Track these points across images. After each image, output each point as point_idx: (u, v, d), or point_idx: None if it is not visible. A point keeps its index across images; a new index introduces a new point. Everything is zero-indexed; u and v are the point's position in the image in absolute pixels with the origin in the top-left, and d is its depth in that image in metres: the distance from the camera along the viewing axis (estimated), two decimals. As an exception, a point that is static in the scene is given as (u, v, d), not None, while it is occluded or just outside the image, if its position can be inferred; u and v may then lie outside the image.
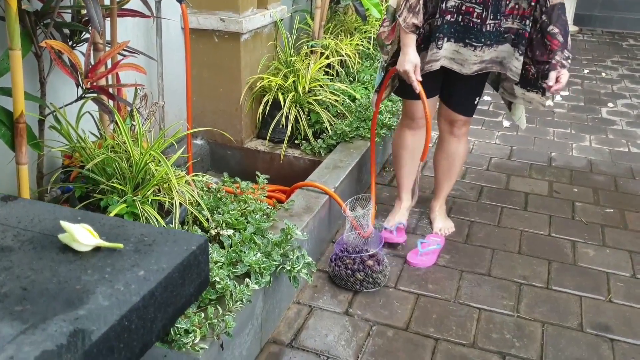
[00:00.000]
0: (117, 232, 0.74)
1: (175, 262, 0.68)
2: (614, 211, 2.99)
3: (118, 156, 1.79)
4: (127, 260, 0.69)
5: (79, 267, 0.68)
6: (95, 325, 0.58)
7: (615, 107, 4.50)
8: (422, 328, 2.13)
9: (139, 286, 0.64)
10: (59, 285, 0.64)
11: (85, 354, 0.55)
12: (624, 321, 2.20)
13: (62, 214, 0.76)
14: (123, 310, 0.60)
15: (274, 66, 3.22)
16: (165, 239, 0.73)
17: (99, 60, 1.78)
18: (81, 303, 0.61)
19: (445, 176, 2.70)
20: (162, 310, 0.66)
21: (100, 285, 0.65)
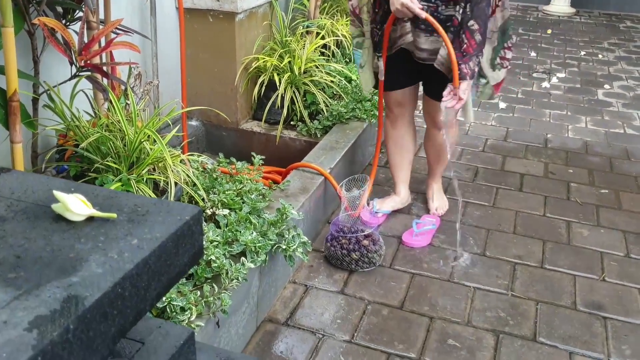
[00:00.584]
0: (110, 202, 0.74)
1: (168, 232, 0.68)
2: (608, 192, 3.00)
3: (112, 135, 1.78)
4: (121, 229, 0.69)
5: (73, 236, 0.68)
6: (88, 292, 0.58)
7: (611, 89, 4.50)
8: (416, 306, 2.15)
9: (132, 254, 0.65)
10: (53, 253, 0.65)
11: (78, 318, 0.55)
12: (617, 300, 2.21)
13: (56, 185, 0.76)
14: (116, 277, 0.61)
15: (270, 46, 3.21)
16: (158, 210, 0.73)
17: (92, 38, 1.77)
18: (75, 270, 0.61)
19: (435, 159, 2.69)
20: (156, 278, 0.67)
21: (94, 253, 0.65)
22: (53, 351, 0.52)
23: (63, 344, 0.54)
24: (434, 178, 2.76)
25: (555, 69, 4.92)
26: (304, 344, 1.96)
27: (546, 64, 5.05)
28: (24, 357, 0.49)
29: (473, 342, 1.99)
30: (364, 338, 1.99)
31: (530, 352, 1.96)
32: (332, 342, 1.97)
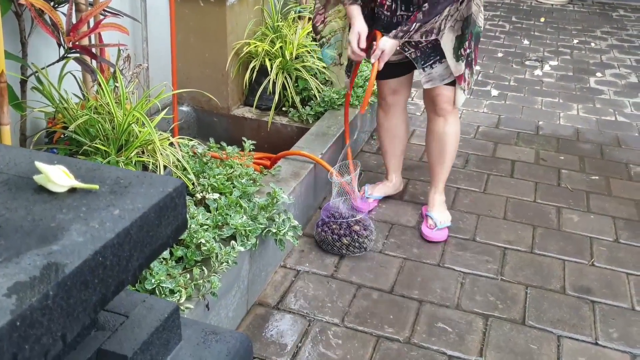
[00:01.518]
0: (93, 175, 0.74)
1: (150, 203, 0.68)
2: (599, 178, 3.02)
3: (101, 117, 1.77)
4: (103, 200, 0.69)
5: (54, 206, 0.68)
6: (69, 260, 0.58)
7: (603, 77, 4.51)
8: (406, 290, 2.16)
9: (114, 224, 0.64)
10: (34, 223, 0.64)
11: (58, 285, 0.55)
12: (606, 284, 2.23)
13: (39, 158, 0.75)
14: (97, 245, 0.60)
15: (261, 32, 3.19)
16: (141, 182, 0.72)
17: (80, 19, 1.75)
18: (55, 239, 0.61)
19: (437, 160, 2.49)
20: (138, 249, 0.66)
21: (75, 223, 0.64)
22: (32, 316, 0.52)
23: (42, 310, 0.53)
24: (436, 187, 2.55)
25: (548, 57, 4.93)
26: (294, 327, 1.96)
27: (539, 52, 5.05)
28: (2, 321, 0.49)
29: (462, 325, 2.00)
30: (353, 321, 2.00)
31: (519, 335, 1.97)
32: (323, 325, 1.98)
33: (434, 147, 2.48)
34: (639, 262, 2.36)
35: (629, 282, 2.25)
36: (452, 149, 2.47)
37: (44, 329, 0.53)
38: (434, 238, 2.44)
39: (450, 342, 1.93)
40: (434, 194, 2.55)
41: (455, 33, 2.21)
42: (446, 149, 2.45)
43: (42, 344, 0.53)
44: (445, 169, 2.51)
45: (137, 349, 0.74)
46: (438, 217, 2.49)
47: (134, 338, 0.75)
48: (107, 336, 0.74)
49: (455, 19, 2.17)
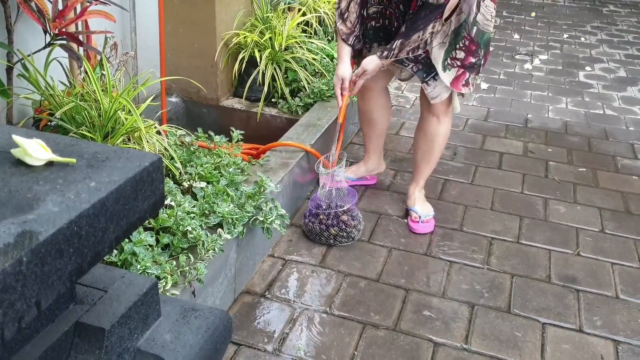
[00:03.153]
0: (71, 149, 0.74)
1: (127, 176, 0.69)
2: (586, 170, 3.04)
3: (87, 104, 1.77)
4: (80, 173, 0.69)
5: (31, 178, 0.68)
6: (43, 228, 0.58)
7: (592, 71, 4.54)
8: (393, 279, 2.17)
9: (89, 195, 0.65)
10: (10, 194, 0.65)
11: (32, 252, 0.56)
12: (590, 273, 2.25)
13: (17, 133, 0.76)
14: (72, 215, 0.61)
15: (250, 22, 3.19)
16: (118, 156, 0.73)
17: (66, 6, 1.75)
18: (31, 209, 0.62)
19: (424, 158, 2.50)
20: (114, 221, 0.67)
21: (51, 194, 0.65)
22: (5, 281, 0.53)
23: (16, 275, 0.54)
24: (417, 183, 2.55)
25: (538, 51, 4.95)
26: (282, 315, 1.97)
27: (529, 46, 5.07)
28: (-26, 285, 0.50)
29: (448, 313, 2.01)
30: (340, 309, 2.01)
31: (504, 322, 1.99)
32: (309, 313, 1.99)
33: (422, 144, 2.48)
34: (623, 252, 2.38)
35: (613, 272, 2.27)
36: (440, 149, 2.48)
37: (18, 295, 0.54)
38: (421, 230, 2.45)
39: (436, 329, 1.94)
40: (414, 189, 2.56)
41: (444, 47, 2.23)
42: (434, 148, 2.46)
43: (15, 309, 0.54)
44: (430, 167, 2.53)
45: (115, 322, 0.74)
46: (420, 209, 2.50)
47: (112, 312, 0.76)
48: (86, 310, 0.75)
49: (445, 33, 2.19)
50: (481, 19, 2.21)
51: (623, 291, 2.16)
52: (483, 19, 2.22)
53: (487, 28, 2.25)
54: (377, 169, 2.78)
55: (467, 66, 2.26)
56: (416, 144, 2.53)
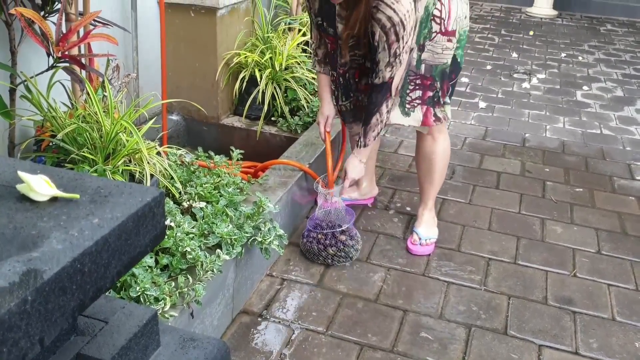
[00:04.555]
0: (74, 184, 0.76)
1: (129, 212, 0.70)
2: (583, 190, 3.06)
3: (89, 126, 1.79)
4: (83, 209, 0.71)
5: (36, 214, 0.70)
6: (47, 266, 0.60)
7: (590, 90, 4.57)
8: (391, 300, 2.18)
9: (92, 232, 0.67)
10: (15, 230, 0.66)
11: (37, 291, 0.57)
12: (587, 294, 2.26)
13: (22, 167, 0.77)
14: (76, 253, 0.63)
15: (251, 42, 3.22)
16: (121, 191, 0.75)
17: (70, 29, 1.78)
18: (35, 246, 0.63)
19: (426, 178, 2.50)
20: (116, 257, 0.69)
21: (55, 231, 0.67)
22: (11, 321, 0.54)
23: (21, 315, 0.55)
24: (425, 204, 2.55)
25: (536, 70, 4.99)
26: (279, 336, 1.98)
27: (527, 64, 5.11)
28: (-20, 325, 0.51)
29: (445, 334, 2.02)
30: (338, 330, 2.02)
31: (501, 344, 2.00)
32: (307, 334, 1.99)
33: (423, 165, 2.49)
34: (620, 274, 2.40)
35: (609, 293, 2.28)
36: (441, 167, 2.47)
37: (22, 333, 0.56)
38: (418, 252, 2.46)
39: (433, 351, 1.95)
40: (422, 210, 2.56)
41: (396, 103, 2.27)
42: (434, 167, 2.45)
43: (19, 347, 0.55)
44: (434, 187, 2.52)
45: (115, 353, 0.76)
46: (424, 232, 2.50)
47: (113, 343, 0.77)
48: (86, 341, 0.76)
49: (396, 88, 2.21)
50: (429, 56, 2.20)
51: (619, 313, 2.17)
52: (432, 55, 2.20)
53: (441, 60, 2.22)
54: (369, 193, 2.80)
55: (428, 101, 2.28)
56: (417, 165, 2.54)
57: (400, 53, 2.05)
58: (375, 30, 2.01)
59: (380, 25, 1.99)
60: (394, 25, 1.97)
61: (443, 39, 2.18)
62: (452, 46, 2.22)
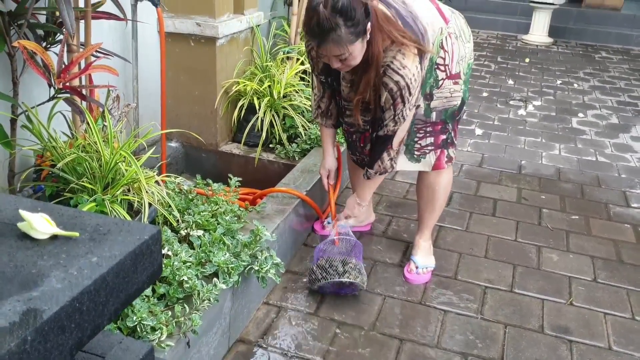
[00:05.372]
0: (74, 222, 0.78)
1: (127, 250, 0.72)
2: (579, 218, 3.08)
3: (89, 156, 1.81)
4: (82, 247, 0.73)
5: (36, 253, 0.71)
6: (47, 306, 0.62)
7: (585, 118, 4.62)
8: (387, 329, 2.18)
9: (91, 271, 0.68)
10: (16, 269, 0.68)
11: (36, 330, 0.59)
12: (583, 323, 2.27)
13: (23, 205, 0.79)
14: (75, 292, 0.64)
15: (250, 71, 3.27)
16: (119, 229, 0.77)
17: (71, 61, 1.81)
18: (35, 285, 0.65)
19: (426, 207, 2.50)
20: (114, 294, 0.70)
21: (55, 269, 0.68)
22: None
23: (21, 354, 0.57)
24: (422, 233, 2.56)
25: (532, 97, 5.04)
26: (275, 365, 1.98)
27: (523, 92, 5.17)
28: (-20, 366, 0.52)
29: (441, 364, 2.02)
30: (335, 359, 2.02)
31: (497, 374, 2.00)
32: (303, 363, 1.99)
33: (425, 194, 2.48)
34: (616, 302, 2.40)
35: (606, 322, 2.28)
36: (443, 197, 2.48)
37: (21, 372, 0.57)
38: (415, 281, 2.47)
39: (429, 380, 1.95)
40: (419, 239, 2.57)
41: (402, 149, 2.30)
42: (436, 197, 2.46)
43: (18, 386, 0.56)
44: (434, 216, 2.53)
45: (112, 389, 0.77)
46: (421, 261, 2.51)
47: (110, 379, 0.78)
48: (84, 377, 0.77)
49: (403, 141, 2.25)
50: (439, 103, 2.23)
51: (616, 342, 2.18)
52: (442, 101, 2.23)
53: (452, 103, 2.25)
54: (367, 220, 2.82)
55: (442, 145, 2.31)
56: (418, 194, 2.53)
57: (405, 111, 2.07)
58: (382, 94, 2.03)
59: (387, 89, 2.00)
60: (401, 89, 1.98)
61: (449, 82, 2.21)
62: (460, 87, 2.25)
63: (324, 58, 1.95)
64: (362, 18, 1.83)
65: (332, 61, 1.93)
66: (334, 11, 1.77)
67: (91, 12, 2.07)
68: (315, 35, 1.84)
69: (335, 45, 1.84)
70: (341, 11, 1.77)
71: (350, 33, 1.81)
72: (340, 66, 1.96)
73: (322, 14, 1.77)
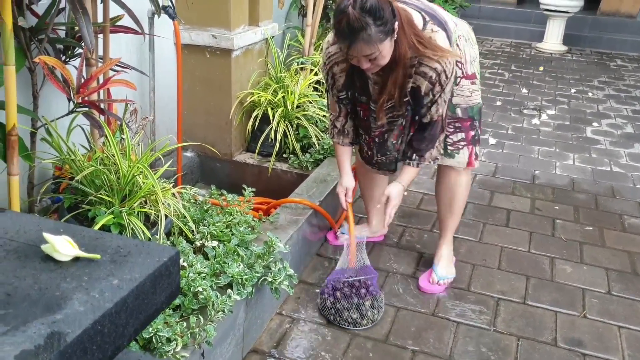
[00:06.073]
0: (95, 243, 0.80)
1: (147, 272, 0.74)
2: (593, 229, 3.06)
3: (107, 168, 1.85)
4: (104, 269, 0.75)
5: (59, 275, 0.74)
6: (70, 329, 0.64)
7: (600, 127, 4.60)
8: (400, 340, 2.19)
9: (112, 294, 0.71)
10: (40, 291, 0.71)
11: (60, 353, 0.61)
12: (597, 336, 2.26)
13: (46, 226, 0.82)
14: (97, 315, 0.67)
15: (264, 82, 3.30)
16: (139, 251, 0.79)
17: (90, 76, 1.85)
18: (59, 308, 0.67)
19: (447, 210, 2.52)
20: (133, 316, 0.73)
21: (77, 292, 0.71)
22: (35, 383, 0.58)
23: (44, 377, 0.59)
24: (444, 237, 2.58)
25: (546, 105, 5.03)
26: (288, 376, 2.00)
27: (537, 100, 5.16)
28: (8, 388, 0.55)
29: (454, 376, 2.03)
30: (347, 371, 2.03)
31: (510, 387, 2.00)
32: (316, 374, 2.01)
33: (444, 196, 2.51)
34: (630, 315, 2.39)
35: (620, 335, 2.27)
36: (462, 199, 2.51)
37: (45, 394, 0.59)
38: (430, 291, 2.48)
39: (442, 393, 1.95)
40: (442, 245, 2.58)
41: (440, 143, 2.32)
42: (456, 198, 2.48)
43: (42, 407, 0.59)
44: (455, 219, 2.55)
45: (131, 406, 0.79)
46: (442, 272, 2.52)
47: (128, 396, 0.80)
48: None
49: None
50: (460, 100, 2.28)
51: (630, 356, 2.17)
52: (463, 99, 2.29)
53: (474, 100, 2.31)
54: (380, 231, 2.83)
55: (472, 141, 2.36)
56: (438, 197, 2.55)
57: (444, 95, 2.12)
58: (422, 84, 2.06)
59: (427, 77, 2.04)
60: (439, 74, 2.03)
61: (467, 82, 2.27)
62: (478, 87, 2.32)
63: (354, 60, 1.98)
64: (390, 17, 1.88)
65: (361, 62, 1.97)
66: (363, 11, 1.82)
67: (109, 26, 2.11)
68: (346, 36, 1.88)
69: (366, 45, 1.88)
70: (370, 11, 1.82)
71: (380, 32, 1.86)
72: (370, 66, 2.00)
73: (352, 14, 1.82)
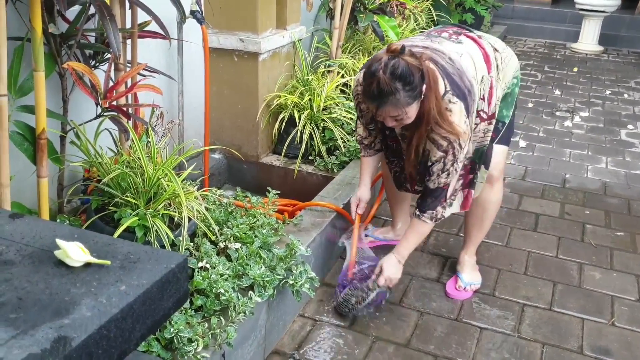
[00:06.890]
0: (107, 249, 0.83)
1: (154, 279, 0.77)
2: (624, 234, 3.00)
3: (133, 171, 1.89)
4: (113, 275, 0.78)
5: (70, 280, 0.77)
6: (76, 333, 0.66)
7: (635, 129, 4.49)
8: (422, 345, 2.19)
9: (119, 299, 0.73)
10: (51, 296, 0.73)
11: (65, 357, 0.64)
12: (625, 345, 2.21)
13: (61, 232, 0.85)
14: (103, 320, 0.69)
15: (291, 84, 3.32)
16: (148, 257, 0.81)
17: (117, 81, 1.89)
18: (67, 313, 0.70)
19: (475, 224, 2.49)
20: (140, 321, 0.75)
21: (86, 297, 0.73)
22: (40, 386, 0.60)
23: (50, 380, 0.62)
24: (467, 249, 2.56)
25: (579, 107, 4.93)
26: (309, 378, 2.01)
27: (570, 102, 5.06)
28: (13, 391, 0.57)
29: (475, 382, 2.01)
30: (367, 374, 2.03)
31: (533, 395, 1.97)
32: (336, 377, 2.02)
33: (476, 211, 2.46)
34: (660, 324, 2.34)
35: (649, 345, 2.23)
36: (493, 215, 2.48)
37: (49, 398, 0.61)
38: (458, 297, 2.46)
39: (462, 399, 1.94)
40: (464, 255, 2.56)
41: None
42: (486, 214, 2.46)
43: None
44: (482, 234, 2.53)
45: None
46: (468, 278, 2.51)
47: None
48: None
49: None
50: (472, 145, 2.23)
51: (659, 366, 2.12)
52: (475, 143, 2.23)
53: (483, 143, 2.25)
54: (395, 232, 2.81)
55: (469, 185, 2.30)
56: (468, 210, 2.49)
57: (456, 165, 2.09)
58: (431, 149, 2.05)
59: (436, 145, 2.03)
60: (451, 142, 2.01)
61: (484, 124, 2.22)
62: (493, 126, 2.25)
63: (379, 117, 2.00)
64: (419, 82, 1.89)
65: (387, 121, 2.00)
66: (393, 77, 1.84)
67: (137, 32, 2.16)
68: (374, 99, 1.91)
69: (393, 108, 1.91)
70: (400, 77, 1.85)
71: (408, 96, 1.88)
72: (395, 124, 2.02)
73: (382, 79, 1.84)
